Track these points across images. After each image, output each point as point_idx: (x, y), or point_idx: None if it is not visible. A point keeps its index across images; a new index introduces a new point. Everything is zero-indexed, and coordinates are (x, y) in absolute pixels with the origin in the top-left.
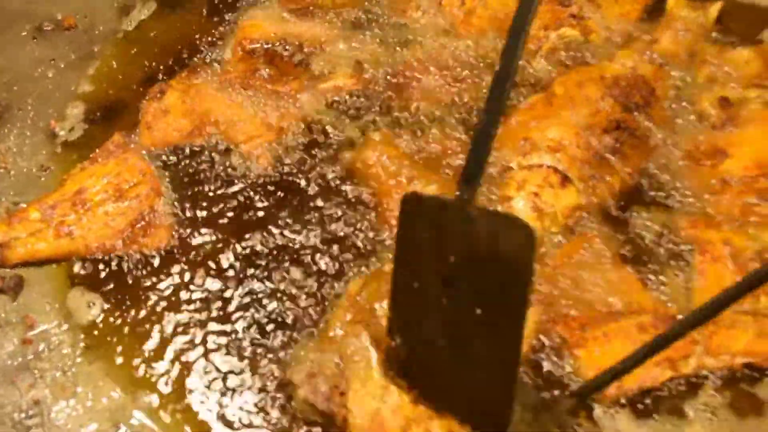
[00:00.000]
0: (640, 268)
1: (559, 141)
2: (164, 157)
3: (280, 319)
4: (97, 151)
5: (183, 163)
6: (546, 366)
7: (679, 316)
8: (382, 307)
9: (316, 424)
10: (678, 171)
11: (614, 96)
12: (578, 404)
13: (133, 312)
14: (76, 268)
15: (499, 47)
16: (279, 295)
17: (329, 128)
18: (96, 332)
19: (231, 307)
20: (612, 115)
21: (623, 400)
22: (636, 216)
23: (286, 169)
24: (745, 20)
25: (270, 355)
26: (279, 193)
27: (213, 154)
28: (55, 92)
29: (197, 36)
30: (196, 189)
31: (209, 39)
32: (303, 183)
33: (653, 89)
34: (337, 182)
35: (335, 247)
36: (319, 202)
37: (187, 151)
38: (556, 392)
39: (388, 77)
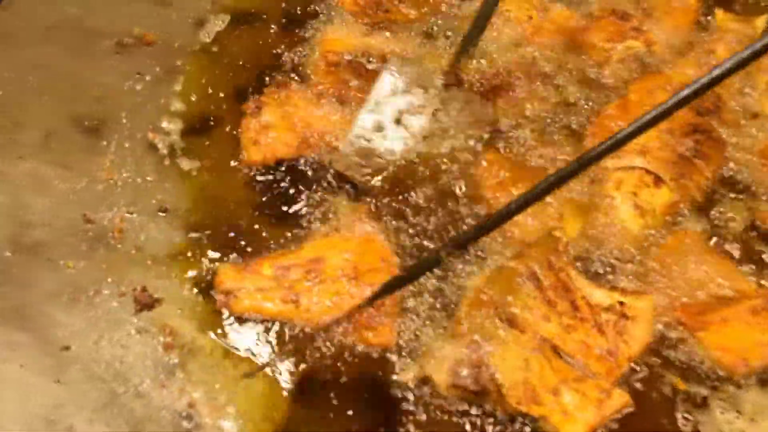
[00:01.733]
0: (736, 257)
1: (644, 144)
2: None
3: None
4: (341, 220)
5: None
6: (675, 351)
7: None
8: (510, 300)
9: (472, 401)
10: (756, 168)
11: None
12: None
13: None
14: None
15: (569, 57)
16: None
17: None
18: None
19: None
20: (687, 119)
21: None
22: (724, 211)
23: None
24: None
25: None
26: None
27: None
28: (146, 105)
29: (275, 50)
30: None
31: (288, 53)
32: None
33: (719, 95)
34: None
35: None
36: (429, 203)
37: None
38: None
39: (474, 88)
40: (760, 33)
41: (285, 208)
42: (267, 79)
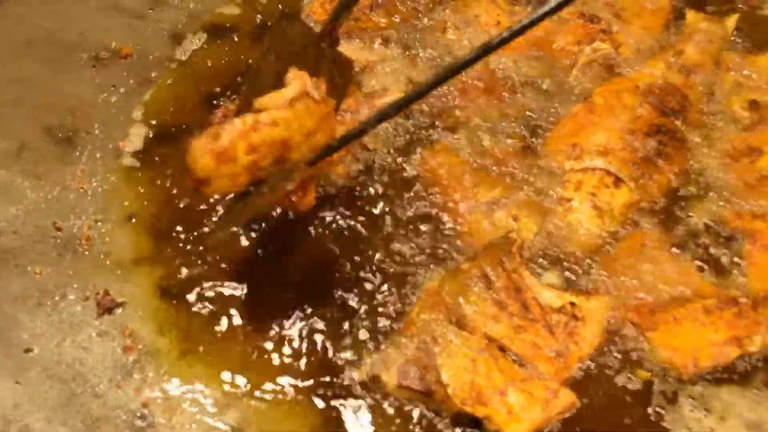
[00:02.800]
0: (695, 258)
1: (606, 145)
2: None
3: (359, 319)
4: None
5: None
6: (623, 348)
7: (743, 299)
8: (461, 301)
9: (418, 402)
10: (718, 169)
11: (651, 102)
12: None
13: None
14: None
15: (537, 64)
16: (356, 296)
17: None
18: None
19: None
20: (651, 119)
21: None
22: (685, 211)
23: (361, 178)
24: (764, 32)
25: (351, 353)
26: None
27: None
28: (119, 116)
29: (248, 62)
30: None
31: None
32: (375, 190)
33: (686, 95)
34: (405, 191)
35: (408, 251)
36: (387, 208)
37: None
38: (630, 375)
39: (440, 95)
40: (731, 33)
41: None
42: (236, 91)
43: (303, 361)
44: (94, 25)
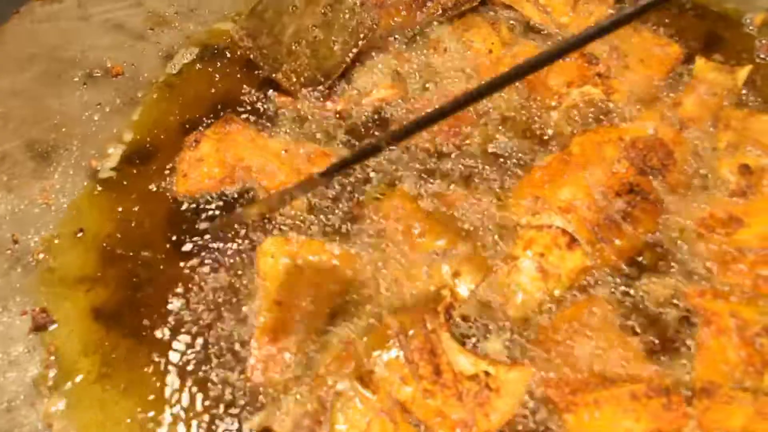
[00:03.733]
0: (642, 336)
1: (570, 202)
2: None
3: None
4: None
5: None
6: (536, 427)
7: (678, 390)
8: (372, 355)
9: None
10: (690, 238)
11: (631, 158)
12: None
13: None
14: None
15: (518, 97)
16: None
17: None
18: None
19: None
20: (626, 177)
21: None
22: (644, 282)
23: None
24: None
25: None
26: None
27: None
28: (98, 134)
29: (235, 87)
30: None
31: (248, 91)
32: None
33: (672, 153)
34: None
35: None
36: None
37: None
38: None
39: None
40: (740, 86)
41: (189, 246)
42: (217, 115)
43: (204, 404)
44: (95, 44)
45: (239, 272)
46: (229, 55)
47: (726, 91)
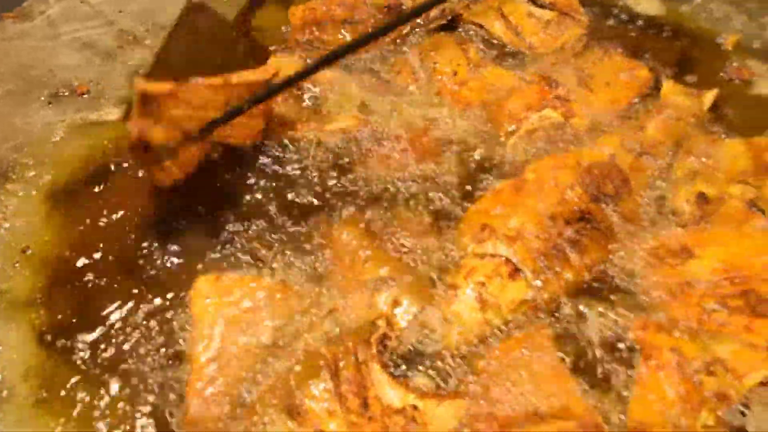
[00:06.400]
0: (580, 371)
1: (518, 230)
2: None
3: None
4: None
5: None
6: None
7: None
8: (303, 386)
9: None
10: (639, 268)
11: (585, 185)
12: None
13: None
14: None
15: (475, 122)
16: None
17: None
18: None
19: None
20: (579, 204)
21: None
22: (586, 314)
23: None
24: (750, 112)
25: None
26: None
27: None
28: (58, 154)
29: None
30: None
31: None
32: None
33: (627, 180)
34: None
35: None
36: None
37: None
38: None
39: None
40: (705, 111)
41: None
42: None
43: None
44: (63, 62)
45: (177, 310)
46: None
47: (691, 116)
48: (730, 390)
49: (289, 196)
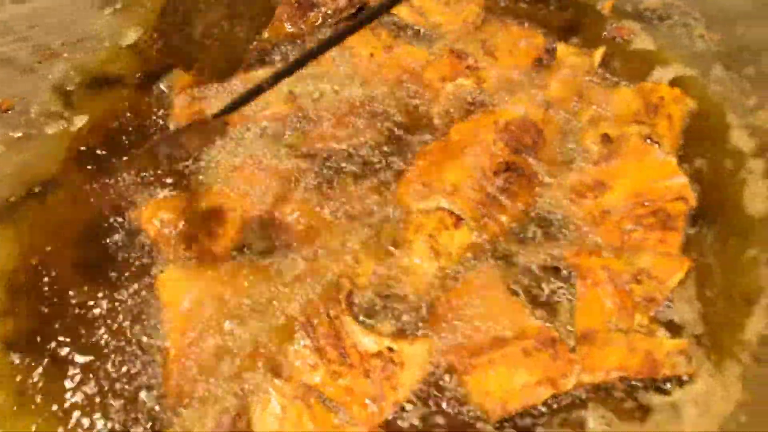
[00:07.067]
0: (527, 296)
1: (454, 184)
2: None
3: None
4: None
5: None
6: (443, 396)
7: (563, 340)
8: (282, 348)
9: None
10: (564, 206)
11: (505, 140)
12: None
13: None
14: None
15: (399, 96)
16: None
17: None
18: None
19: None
20: (503, 157)
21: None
22: (526, 250)
23: None
24: (633, 63)
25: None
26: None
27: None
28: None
29: (128, 113)
30: None
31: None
32: None
33: (541, 131)
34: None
35: None
36: None
37: None
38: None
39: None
40: (596, 66)
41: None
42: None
43: (121, 422)
44: None
45: (146, 299)
46: (121, 80)
47: (585, 72)
48: (656, 293)
49: None
